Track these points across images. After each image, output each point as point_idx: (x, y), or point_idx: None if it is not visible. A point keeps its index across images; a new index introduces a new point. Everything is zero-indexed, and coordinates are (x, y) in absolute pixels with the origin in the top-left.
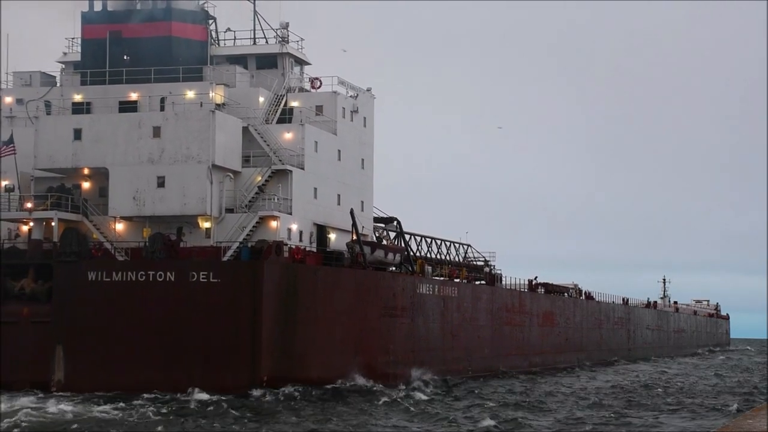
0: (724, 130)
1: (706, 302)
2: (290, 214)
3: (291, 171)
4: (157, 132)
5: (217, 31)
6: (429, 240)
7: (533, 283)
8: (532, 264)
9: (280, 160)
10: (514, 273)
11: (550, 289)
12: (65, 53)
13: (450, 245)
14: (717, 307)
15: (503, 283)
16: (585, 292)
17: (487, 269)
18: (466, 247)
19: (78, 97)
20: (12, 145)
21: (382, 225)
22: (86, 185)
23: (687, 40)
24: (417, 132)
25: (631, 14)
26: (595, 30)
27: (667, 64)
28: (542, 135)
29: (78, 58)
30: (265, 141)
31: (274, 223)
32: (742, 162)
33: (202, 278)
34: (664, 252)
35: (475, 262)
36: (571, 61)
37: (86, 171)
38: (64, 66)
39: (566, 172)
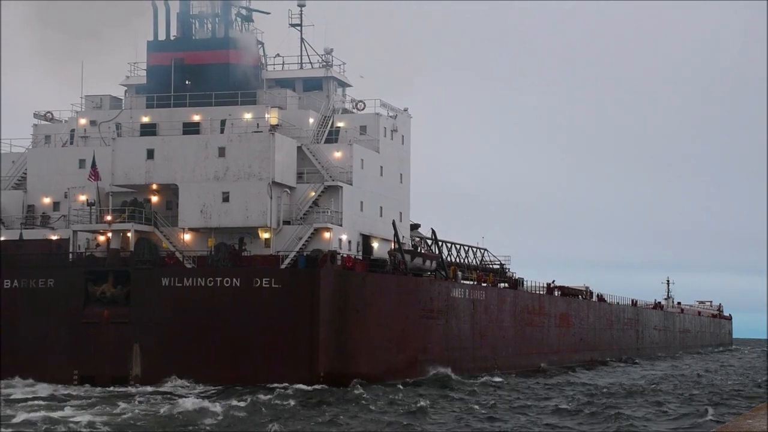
0: (726, 130)
1: (709, 303)
2: (340, 225)
3: (341, 187)
4: (222, 152)
5: (265, 56)
6: (449, 245)
7: (551, 286)
8: (538, 265)
9: (331, 177)
10: (522, 274)
11: (566, 291)
12: (128, 77)
13: (468, 249)
14: (720, 308)
15: (524, 286)
16: (597, 295)
17: (509, 274)
18: (482, 251)
19: (146, 119)
20: (95, 167)
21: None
22: (155, 199)
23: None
24: (421, 137)
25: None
26: (612, 34)
27: (671, 66)
28: (543, 138)
29: (140, 81)
30: (316, 159)
31: (327, 234)
32: (743, 162)
33: (265, 284)
34: (666, 252)
35: (491, 266)
36: (579, 65)
37: (155, 186)
38: (127, 89)
39: (567, 174)
